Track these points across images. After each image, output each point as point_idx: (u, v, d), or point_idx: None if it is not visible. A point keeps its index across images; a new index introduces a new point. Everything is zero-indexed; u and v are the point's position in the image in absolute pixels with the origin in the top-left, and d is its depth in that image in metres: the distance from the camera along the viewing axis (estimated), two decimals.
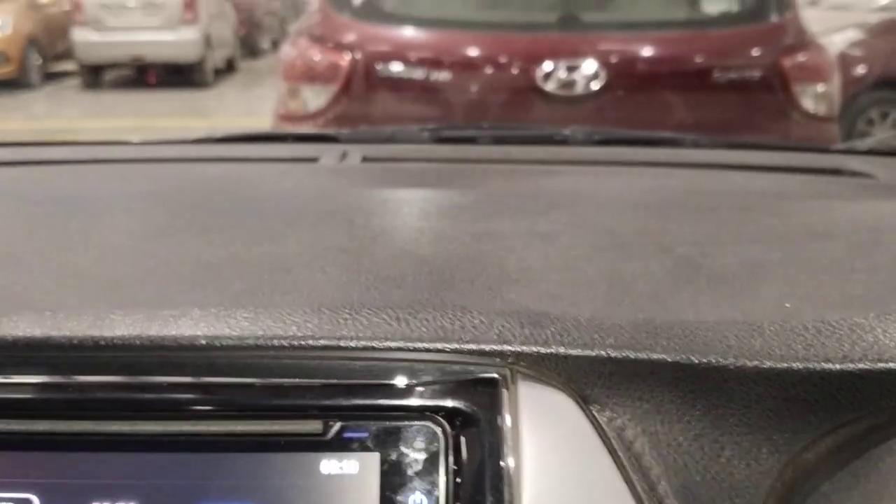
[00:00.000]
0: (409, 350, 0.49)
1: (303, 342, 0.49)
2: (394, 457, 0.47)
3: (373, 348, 0.49)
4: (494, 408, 0.47)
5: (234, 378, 0.49)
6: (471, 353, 0.49)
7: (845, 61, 4.15)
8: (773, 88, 2.58)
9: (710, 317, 0.52)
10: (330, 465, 0.47)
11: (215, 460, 0.47)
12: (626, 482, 0.47)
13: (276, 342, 0.49)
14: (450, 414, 0.48)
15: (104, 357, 0.49)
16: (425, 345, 0.49)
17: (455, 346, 0.49)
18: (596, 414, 0.49)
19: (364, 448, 0.47)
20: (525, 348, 0.49)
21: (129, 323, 0.50)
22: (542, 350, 0.49)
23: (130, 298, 0.55)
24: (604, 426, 0.48)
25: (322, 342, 0.49)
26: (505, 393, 0.48)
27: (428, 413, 0.48)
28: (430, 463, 0.47)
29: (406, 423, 0.48)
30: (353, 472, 0.47)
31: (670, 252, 0.64)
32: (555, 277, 0.59)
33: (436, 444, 0.47)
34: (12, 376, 0.49)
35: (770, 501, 0.48)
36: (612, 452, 0.48)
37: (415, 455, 0.47)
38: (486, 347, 0.49)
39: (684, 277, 0.59)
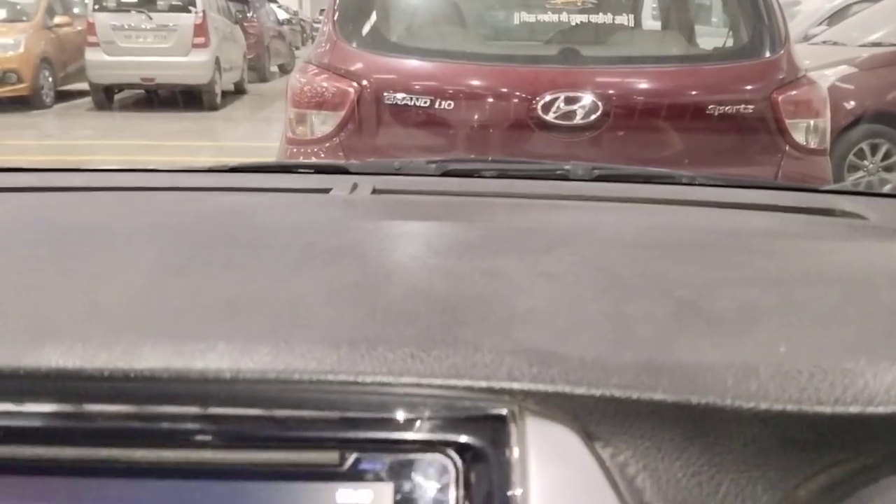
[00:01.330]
0: (422, 386, 0.51)
1: (322, 377, 0.51)
2: (406, 488, 0.49)
3: (388, 384, 0.51)
4: (503, 443, 0.50)
5: (256, 410, 0.51)
6: (481, 390, 0.51)
7: (837, 95, 4.23)
8: (766, 122, 2.65)
9: (709, 359, 0.54)
10: (345, 494, 0.49)
11: (235, 488, 0.50)
12: None
13: (296, 376, 0.51)
14: (460, 448, 0.50)
15: (131, 388, 0.51)
16: (438, 381, 0.51)
17: (467, 382, 0.51)
18: (600, 450, 0.51)
19: (378, 479, 0.49)
20: (533, 386, 0.51)
21: (158, 355, 0.52)
22: (550, 388, 0.51)
23: (157, 332, 0.57)
24: (607, 462, 0.50)
25: (340, 377, 0.51)
26: (513, 428, 0.50)
27: (440, 446, 0.50)
28: (442, 495, 0.49)
29: (419, 455, 0.50)
30: (368, 501, 0.49)
31: (671, 294, 0.66)
32: (561, 318, 0.61)
33: (447, 477, 0.50)
34: (42, 405, 0.51)
35: None
36: (615, 487, 0.50)
37: (426, 487, 0.49)
38: (496, 385, 0.51)
39: (684, 320, 0.61)
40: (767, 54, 2.80)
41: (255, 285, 0.66)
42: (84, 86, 9.24)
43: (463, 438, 0.50)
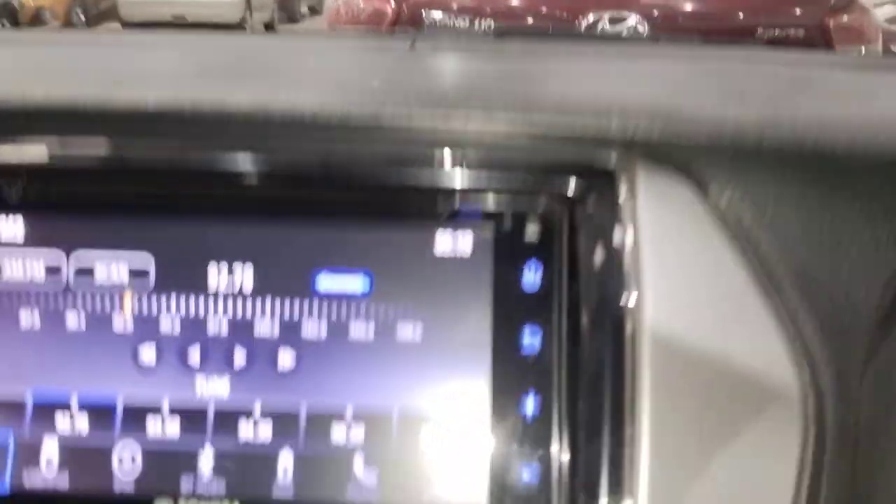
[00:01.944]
0: (529, 135, 0.49)
1: (425, 121, 0.49)
2: (509, 236, 0.48)
3: (493, 132, 0.49)
4: (612, 191, 0.47)
5: (355, 151, 0.49)
6: (590, 140, 0.48)
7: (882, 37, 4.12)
8: (816, 48, 2.58)
9: (829, 113, 0.51)
10: (444, 241, 0.48)
11: (332, 229, 0.49)
12: (745, 265, 0.47)
13: (395, 122, 0.49)
14: (567, 196, 0.48)
15: (226, 125, 0.49)
16: (545, 131, 0.48)
17: (575, 131, 0.48)
18: (714, 199, 0.48)
19: (479, 226, 0.48)
20: (644, 132, 0.48)
21: (252, 95, 0.50)
22: (661, 136, 0.48)
23: (245, 76, 0.57)
24: (722, 211, 0.48)
25: (441, 123, 0.49)
26: (624, 176, 0.48)
27: (545, 195, 0.48)
28: (546, 243, 0.48)
29: (522, 204, 0.48)
30: (468, 248, 0.48)
31: (775, 75, 0.64)
32: (664, 84, 0.59)
33: (552, 226, 0.48)
34: (134, 143, 0.50)
35: (887, 292, 0.48)
36: (731, 237, 0.48)
37: (530, 235, 0.48)
38: (606, 133, 0.48)
39: (796, 89, 0.59)
40: None
41: (327, 62, 0.69)
42: (116, 24, 9.22)
43: (570, 186, 0.48)
